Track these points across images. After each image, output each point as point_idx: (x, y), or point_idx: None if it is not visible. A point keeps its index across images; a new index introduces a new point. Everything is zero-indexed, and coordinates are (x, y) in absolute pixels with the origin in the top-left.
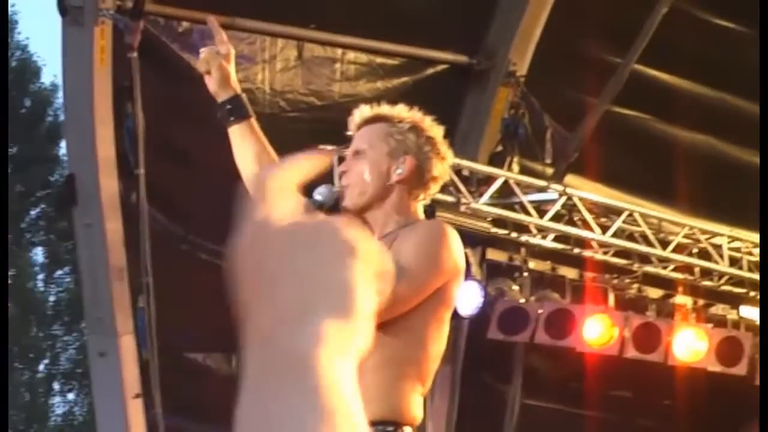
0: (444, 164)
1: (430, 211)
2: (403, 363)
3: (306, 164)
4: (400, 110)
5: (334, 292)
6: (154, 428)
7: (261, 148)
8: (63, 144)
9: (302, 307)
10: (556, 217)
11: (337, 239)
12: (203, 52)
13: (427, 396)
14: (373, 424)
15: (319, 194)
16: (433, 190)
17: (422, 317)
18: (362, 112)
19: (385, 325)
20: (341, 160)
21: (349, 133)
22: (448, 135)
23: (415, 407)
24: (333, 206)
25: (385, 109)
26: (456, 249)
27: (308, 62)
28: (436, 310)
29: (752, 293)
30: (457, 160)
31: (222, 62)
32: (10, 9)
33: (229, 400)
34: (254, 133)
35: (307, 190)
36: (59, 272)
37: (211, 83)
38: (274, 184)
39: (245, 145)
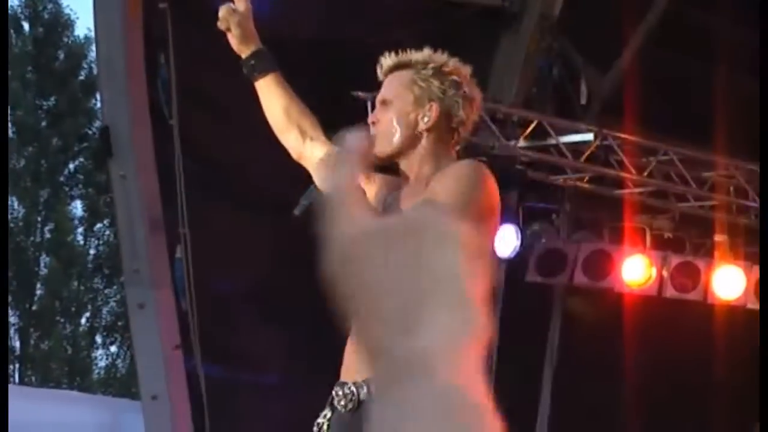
0: (472, 105)
1: (465, 154)
2: None
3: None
4: (424, 55)
5: (441, 287)
6: (194, 378)
7: (288, 100)
8: (98, 97)
9: (412, 310)
10: (592, 158)
11: (428, 230)
12: (221, 10)
13: None
14: None
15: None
16: (464, 133)
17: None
18: (387, 60)
19: None
20: (373, 107)
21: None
22: (481, 79)
23: None
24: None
25: (409, 55)
26: (490, 188)
27: (339, 8)
28: (479, 250)
29: None
30: (492, 104)
31: (240, 19)
32: None
33: (268, 348)
34: (280, 86)
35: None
36: (99, 225)
37: (233, 41)
38: (344, 184)
39: (272, 98)
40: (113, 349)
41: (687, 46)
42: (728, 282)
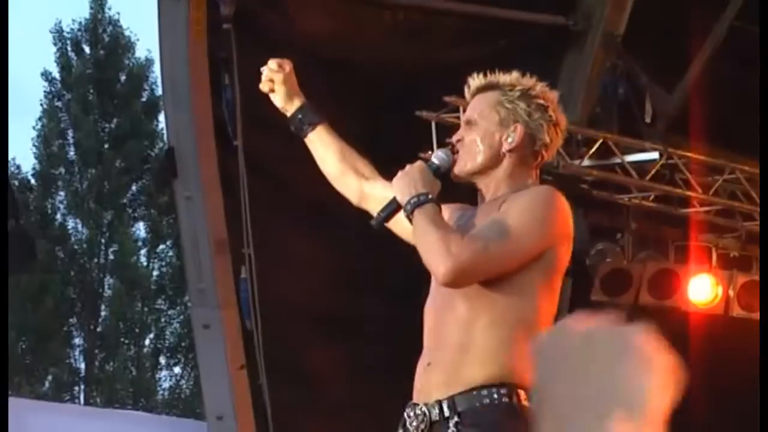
0: (557, 130)
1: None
2: (515, 324)
3: None
4: (512, 78)
5: (633, 404)
6: (259, 399)
7: (341, 146)
8: (160, 118)
9: (600, 411)
10: (657, 177)
11: (637, 351)
12: (265, 71)
13: None
14: (485, 386)
15: (437, 158)
16: (547, 157)
17: (532, 279)
18: (475, 80)
19: (495, 286)
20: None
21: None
22: None
23: (526, 368)
24: (448, 171)
25: (496, 76)
26: (564, 213)
27: (404, 30)
28: (545, 274)
29: None
30: None
31: (285, 77)
32: None
33: (333, 368)
34: (331, 134)
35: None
36: (161, 246)
37: (278, 99)
38: None
39: (325, 147)
40: (177, 369)
41: (752, 60)
42: None
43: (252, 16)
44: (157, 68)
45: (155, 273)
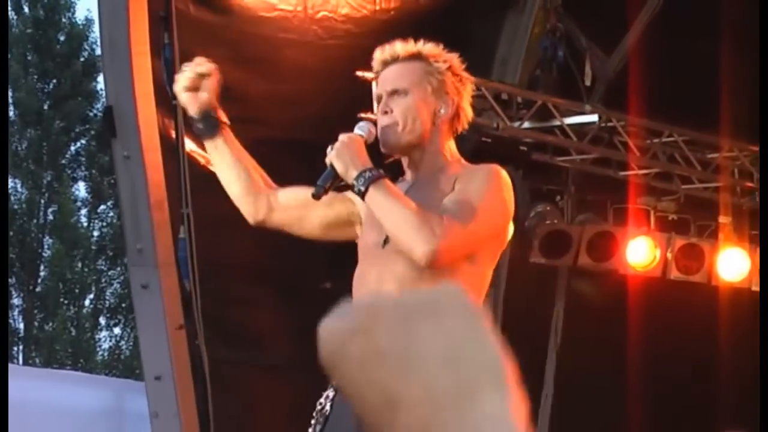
0: (471, 106)
1: (469, 136)
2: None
3: None
4: (434, 49)
5: (487, 370)
6: (197, 359)
7: (245, 157)
8: (99, 79)
9: (460, 391)
10: (596, 140)
11: (458, 313)
12: (193, 69)
13: None
14: None
15: (360, 129)
16: (462, 129)
17: (487, 261)
18: (393, 50)
19: (454, 270)
20: (379, 99)
21: (374, 69)
22: (486, 60)
23: None
24: (373, 142)
25: (416, 46)
26: (511, 192)
27: None
28: (495, 253)
29: None
30: (496, 84)
31: (214, 84)
32: None
33: (272, 329)
34: (234, 144)
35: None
36: (102, 207)
37: (195, 104)
38: None
39: (229, 157)
40: (117, 330)
41: (692, 26)
42: (733, 264)
43: None
44: (96, 28)
45: (96, 233)
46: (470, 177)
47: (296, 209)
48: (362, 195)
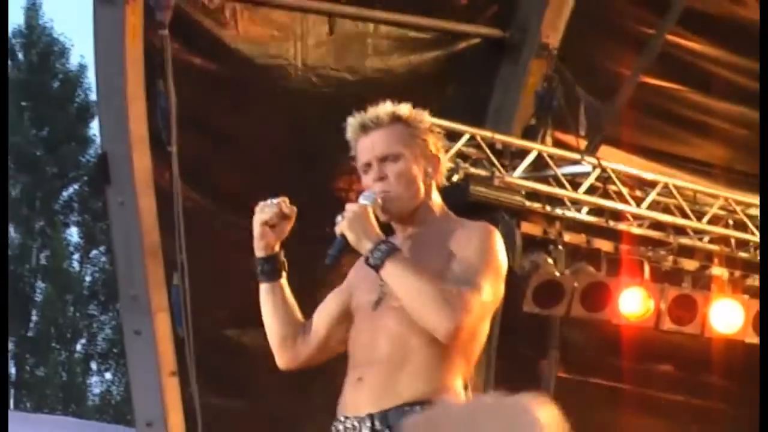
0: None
1: (464, 185)
2: (449, 345)
3: None
4: (410, 110)
5: None
6: (190, 406)
7: (293, 308)
8: (93, 124)
9: None
10: (591, 190)
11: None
12: (276, 207)
13: None
14: (417, 402)
15: (366, 198)
16: (441, 182)
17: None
18: (376, 115)
19: None
20: (368, 166)
21: (350, 136)
22: (481, 109)
23: (457, 390)
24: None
25: (395, 109)
26: (504, 252)
27: (340, 37)
28: (492, 312)
29: None
30: (491, 134)
31: (286, 225)
32: None
33: (265, 377)
34: (287, 293)
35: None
36: (95, 252)
37: (264, 240)
38: None
39: (281, 304)
40: (108, 375)
41: (685, 77)
42: (726, 315)
43: (188, 23)
44: (90, 74)
45: (88, 278)
46: (468, 240)
47: (325, 340)
48: (377, 268)
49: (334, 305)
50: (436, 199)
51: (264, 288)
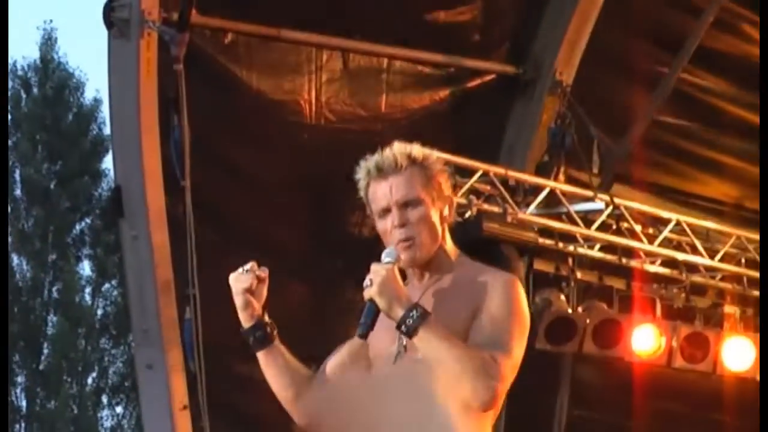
0: None
1: (477, 222)
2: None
3: None
4: (425, 152)
5: None
6: None
7: (292, 366)
8: (107, 158)
9: None
10: (603, 227)
11: None
12: (247, 272)
13: None
14: None
15: (389, 256)
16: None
17: None
18: (393, 158)
19: None
20: (386, 211)
21: (362, 178)
22: (494, 145)
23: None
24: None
25: (412, 152)
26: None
27: (354, 73)
28: None
29: None
30: (504, 170)
31: (263, 289)
32: (48, 26)
33: (276, 412)
34: (284, 355)
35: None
36: (106, 286)
37: (248, 310)
38: None
39: (278, 368)
40: (119, 409)
41: (697, 114)
42: (738, 353)
43: (203, 58)
44: (105, 108)
45: (99, 311)
46: (492, 292)
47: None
48: (410, 335)
49: (347, 355)
50: (450, 241)
51: (262, 356)
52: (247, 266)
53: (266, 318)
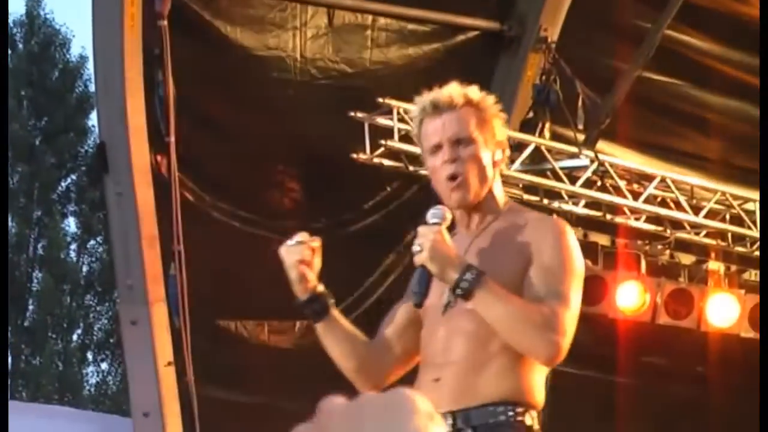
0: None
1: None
2: None
3: None
4: (479, 93)
5: None
6: (186, 396)
7: (353, 337)
8: (92, 115)
9: None
10: (588, 184)
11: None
12: (297, 245)
13: None
14: (500, 403)
15: (435, 216)
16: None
17: None
18: (448, 96)
19: None
20: (437, 147)
21: (416, 114)
22: None
23: (539, 389)
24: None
25: (469, 92)
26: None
27: (339, 29)
28: None
29: None
30: None
31: (317, 258)
32: None
33: (261, 367)
34: (342, 326)
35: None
36: (92, 242)
37: (303, 281)
38: None
39: (337, 341)
40: (104, 366)
41: (683, 71)
42: (722, 310)
43: (187, 14)
44: (90, 65)
45: (85, 268)
46: (543, 240)
47: (402, 353)
48: (466, 297)
49: (400, 316)
50: (500, 187)
51: (320, 327)
52: (299, 237)
53: (321, 288)
